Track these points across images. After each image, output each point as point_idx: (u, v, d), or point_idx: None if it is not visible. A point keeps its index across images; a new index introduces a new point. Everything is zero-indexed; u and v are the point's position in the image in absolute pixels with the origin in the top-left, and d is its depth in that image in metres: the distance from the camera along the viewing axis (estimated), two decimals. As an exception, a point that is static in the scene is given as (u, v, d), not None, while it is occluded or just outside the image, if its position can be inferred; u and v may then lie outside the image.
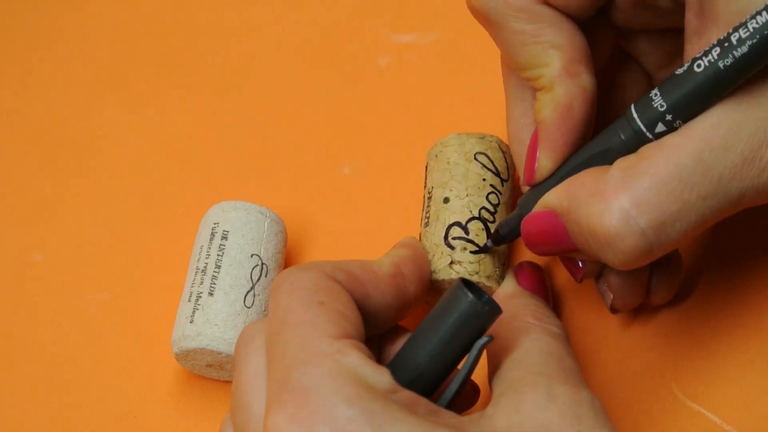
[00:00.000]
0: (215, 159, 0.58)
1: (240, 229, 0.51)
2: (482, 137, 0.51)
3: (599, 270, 0.47)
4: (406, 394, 0.39)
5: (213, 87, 0.60)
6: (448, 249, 0.49)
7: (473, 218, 0.49)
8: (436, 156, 0.51)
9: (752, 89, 0.41)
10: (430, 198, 0.51)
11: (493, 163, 0.50)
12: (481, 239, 0.49)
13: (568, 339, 0.45)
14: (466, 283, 0.41)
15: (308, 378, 0.38)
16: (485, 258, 0.49)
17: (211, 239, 0.51)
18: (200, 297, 0.49)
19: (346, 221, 0.55)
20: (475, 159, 0.50)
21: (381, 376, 0.39)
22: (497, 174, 0.50)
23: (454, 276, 0.48)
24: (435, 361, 0.41)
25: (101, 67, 0.61)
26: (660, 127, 0.42)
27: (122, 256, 0.55)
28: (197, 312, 0.49)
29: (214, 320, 0.49)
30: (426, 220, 0.50)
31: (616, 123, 0.44)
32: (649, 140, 0.42)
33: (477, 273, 0.48)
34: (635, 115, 0.43)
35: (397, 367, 0.41)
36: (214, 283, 0.49)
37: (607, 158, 0.43)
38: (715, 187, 0.41)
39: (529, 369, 0.42)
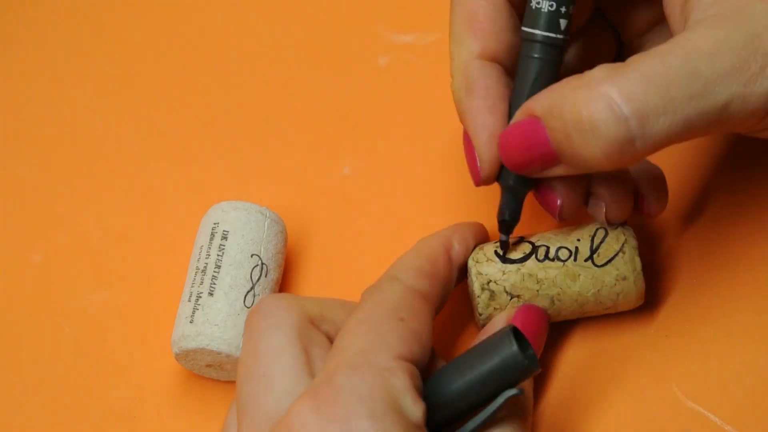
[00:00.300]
0: (215, 159, 0.58)
1: (240, 229, 0.51)
2: None
3: (578, 201, 0.47)
4: None
5: (213, 87, 0.60)
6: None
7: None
8: None
9: (739, 6, 0.42)
10: None
11: None
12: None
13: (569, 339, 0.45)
14: (515, 332, 0.41)
15: (348, 380, 0.38)
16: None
17: (211, 239, 0.51)
18: (200, 297, 0.49)
19: (346, 221, 0.55)
20: None
21: (415, 409, 0.39)
22: None
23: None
24: (461, 395, 0.41)
25: (101, 66, 0.61)
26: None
27: (122, 256, 0.55)
28: (197, 312, 0.49)
29: (214, 320, 0.49)
30: None
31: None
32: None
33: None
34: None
35: (426, 386, 0.42)
36: (214, 283, 0.49)
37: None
38: (701, 88, 0.41)
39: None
